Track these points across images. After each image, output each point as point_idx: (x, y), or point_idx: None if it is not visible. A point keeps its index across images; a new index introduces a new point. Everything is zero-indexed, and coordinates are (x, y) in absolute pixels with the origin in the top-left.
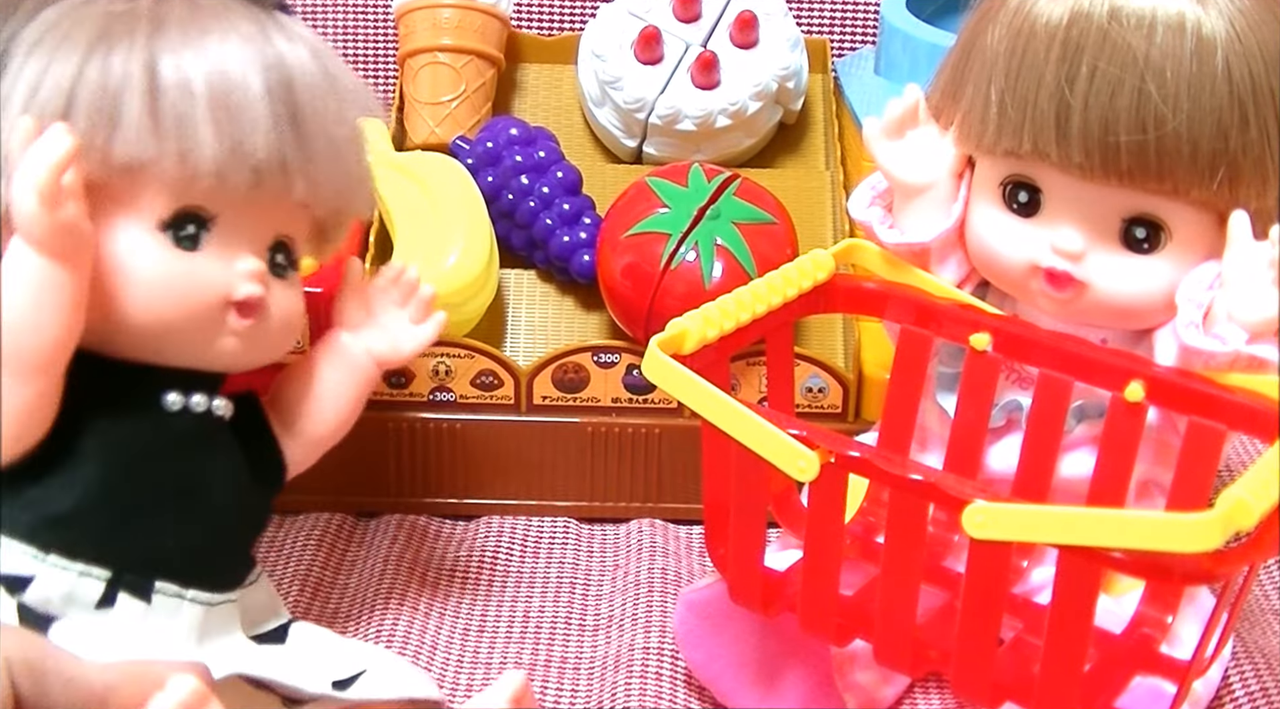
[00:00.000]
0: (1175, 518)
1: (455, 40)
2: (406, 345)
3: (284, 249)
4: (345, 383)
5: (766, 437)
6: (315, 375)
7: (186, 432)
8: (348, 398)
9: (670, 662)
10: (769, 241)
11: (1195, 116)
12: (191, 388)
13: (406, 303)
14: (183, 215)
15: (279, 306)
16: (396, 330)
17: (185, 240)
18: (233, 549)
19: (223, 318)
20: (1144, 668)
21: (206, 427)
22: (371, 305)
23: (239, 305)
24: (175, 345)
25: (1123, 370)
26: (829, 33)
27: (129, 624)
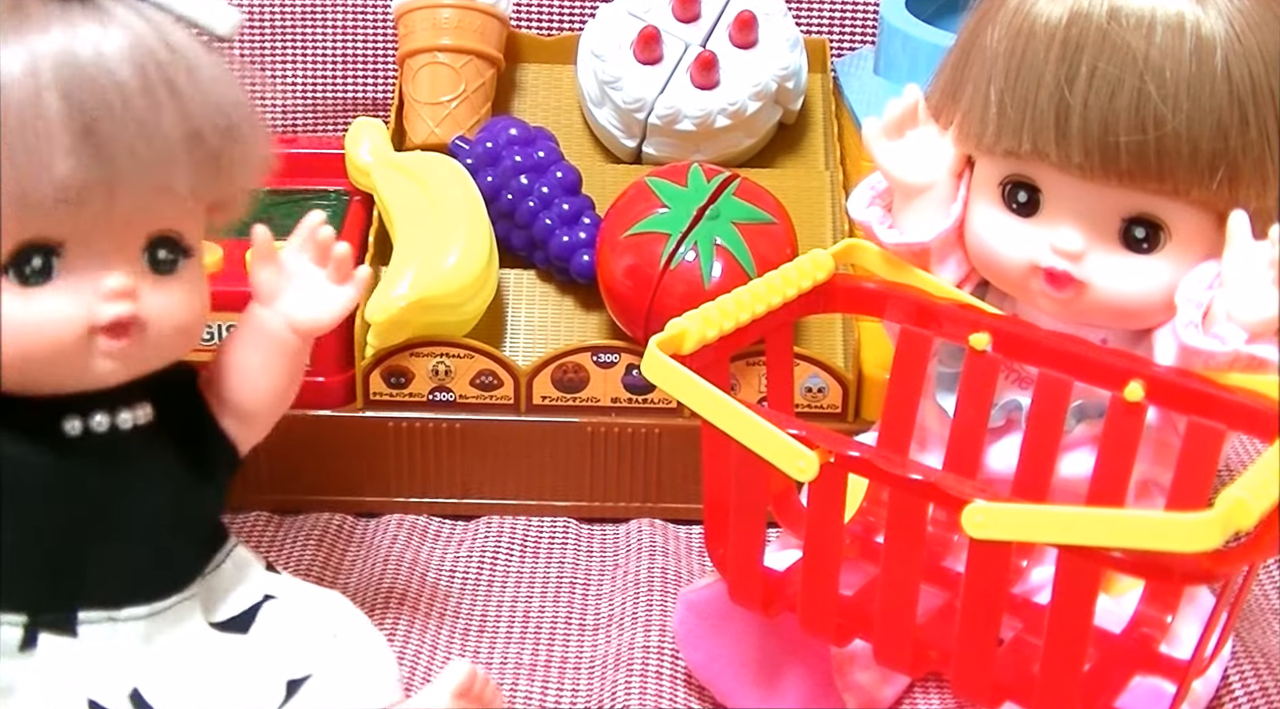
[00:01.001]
0: (1175, 518)
1: (455, 40)
2: (326, 311)
3: (167, 243)
4: (269, 359)
5: (766, 437)
6: (239, 355)
7: (94, 455)
8: (275, 374)
9: (670, 661)
10: (769, 241)
11: (1195, 116)
12: (90, 408)
13: (324, 264)
14: (22, 251)
15: (165, 308)
16: (316, 295)
17: (33, 276)
18: (168, 558)
19: (90, 345)
20: (1144, 668)
21: (116, 443)
22: (287, 272)
23: (106, 329)
24: (47, 382)
25: (1122, 370)
26: (828, 33)
27: (56, 661)
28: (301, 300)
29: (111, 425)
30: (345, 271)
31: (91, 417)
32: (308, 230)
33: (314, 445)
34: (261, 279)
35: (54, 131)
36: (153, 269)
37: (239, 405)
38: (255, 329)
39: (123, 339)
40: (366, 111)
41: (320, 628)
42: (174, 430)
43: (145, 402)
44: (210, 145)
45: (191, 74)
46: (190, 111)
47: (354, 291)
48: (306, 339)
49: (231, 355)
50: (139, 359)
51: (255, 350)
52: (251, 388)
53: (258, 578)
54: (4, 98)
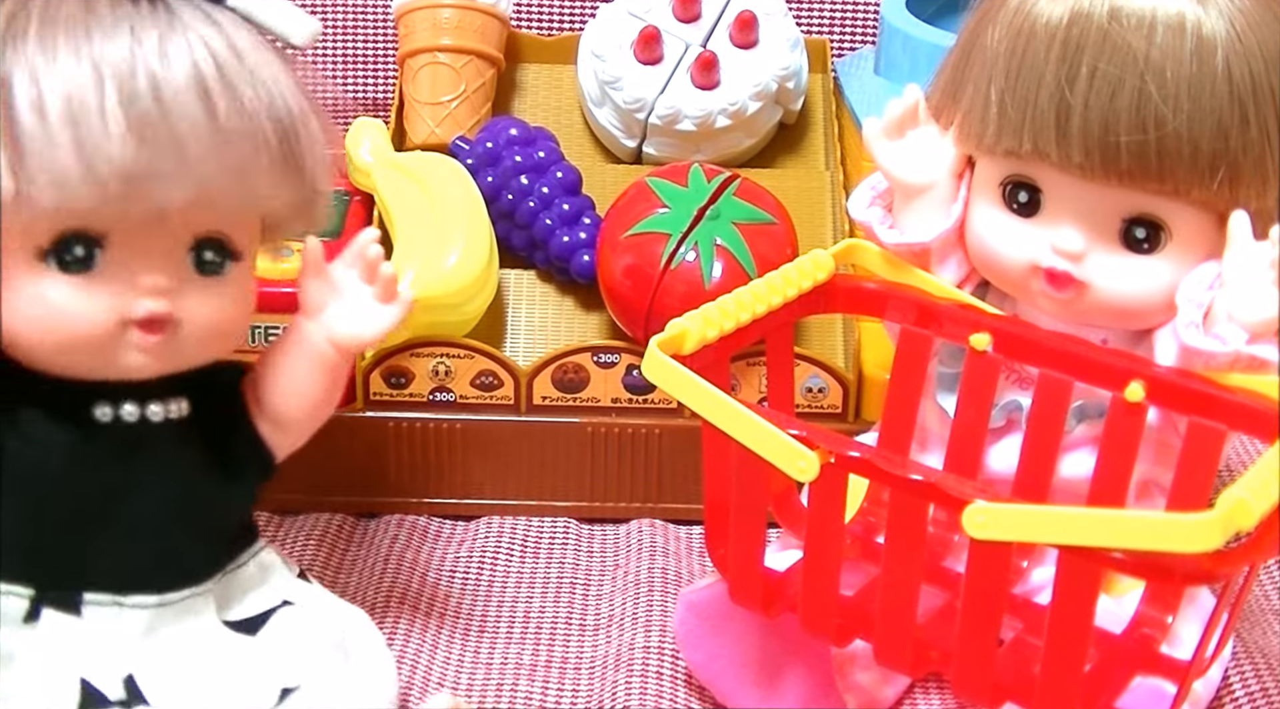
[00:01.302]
0: (1176, 518)
1: (455, 40)
2: (369, 328)
3: (215, 245)
4: (309, 371)
5: (767, 437)
6: (280, 364)
7: (118, 443)
8: (314, 385)
9: (671, 661)
10: (769, 242)
11: (1195, 117)
12: (123, 397)
13: (371, 281)
14: (65, 240)
15: (203, 310)
16: (359, 312)
17: (74, 264)
18: (175, 554)
19: (123, 337)
20: (1144, 668)
21: (143, 434)
22: (335, 286)
23: (140, 323)
24: (79, 369)
25: (1123, 370)
26: (828, 33)
27: (58, 637)
28: (345, 316)
29: (141, 416)
30: (390, 291)
31: (122, 405)
32: (358, 247)
33: (314, 445)
34: (309, 291)
35: (110, 125)
36: (197, 270)
37: (276, 412)
38: (298, 340)
39: (155, 335)
40: (366, 111)
41: (330, 641)
42: (209, 428)
43: (182, 397)
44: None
45: (254, 78)
46: (248, 113)
47: (398, 311)
48: (346, 355)
49: (273, 362)
50: (171, 356)
51: (296, 360)
52: (290, 396)
53: (280, 583)
54: (64, 89)
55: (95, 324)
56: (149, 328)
